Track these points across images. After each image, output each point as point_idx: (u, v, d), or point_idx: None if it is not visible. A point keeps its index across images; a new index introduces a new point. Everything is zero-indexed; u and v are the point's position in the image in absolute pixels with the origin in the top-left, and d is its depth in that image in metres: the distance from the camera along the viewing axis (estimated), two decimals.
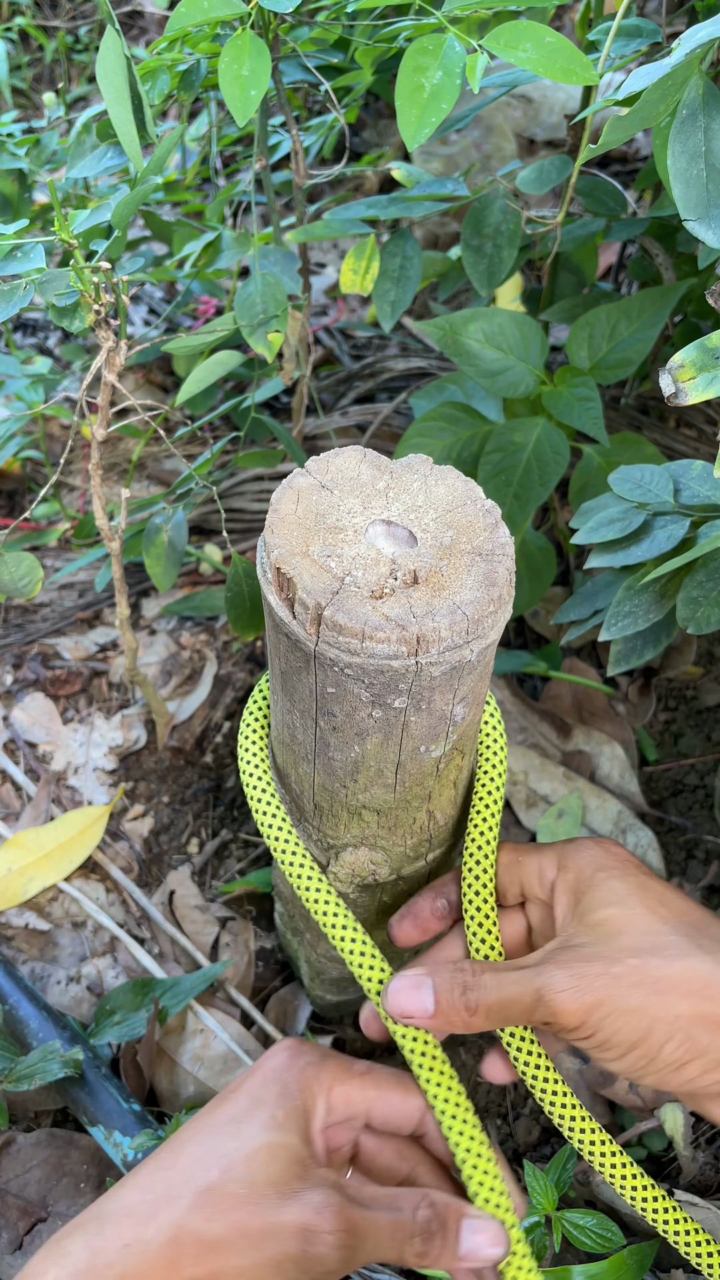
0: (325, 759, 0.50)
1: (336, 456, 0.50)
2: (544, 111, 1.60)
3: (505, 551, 0.46)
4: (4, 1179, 0.69)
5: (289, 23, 0.78)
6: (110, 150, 0.70)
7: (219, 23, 0.68)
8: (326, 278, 1.50)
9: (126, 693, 1.02)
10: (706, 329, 0.92)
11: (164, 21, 1.86)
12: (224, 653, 1.04)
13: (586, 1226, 0.61)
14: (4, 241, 0.63)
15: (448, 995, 0.47)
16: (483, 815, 0.53)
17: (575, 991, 0.44)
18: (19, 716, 0.99)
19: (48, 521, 1.16)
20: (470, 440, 0.86)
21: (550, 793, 0.91)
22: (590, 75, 0.57)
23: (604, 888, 0.48)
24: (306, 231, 0.81)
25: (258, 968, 0.83)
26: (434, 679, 0.44)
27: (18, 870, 0.86)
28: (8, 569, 0.69)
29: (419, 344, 1.34)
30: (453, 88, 0.57)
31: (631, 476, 0.67)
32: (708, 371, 0.50)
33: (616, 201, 0.85)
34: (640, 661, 0.68)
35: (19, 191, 0.98)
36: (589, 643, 1.01)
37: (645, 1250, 0.62)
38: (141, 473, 1.21)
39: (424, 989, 0.48)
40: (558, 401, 0.80)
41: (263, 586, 0.47)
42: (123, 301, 0.65)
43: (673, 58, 0.49)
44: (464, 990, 0.47)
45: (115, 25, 0.59)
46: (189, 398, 0.81)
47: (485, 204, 0.80)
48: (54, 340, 1.43)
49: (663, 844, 0.89)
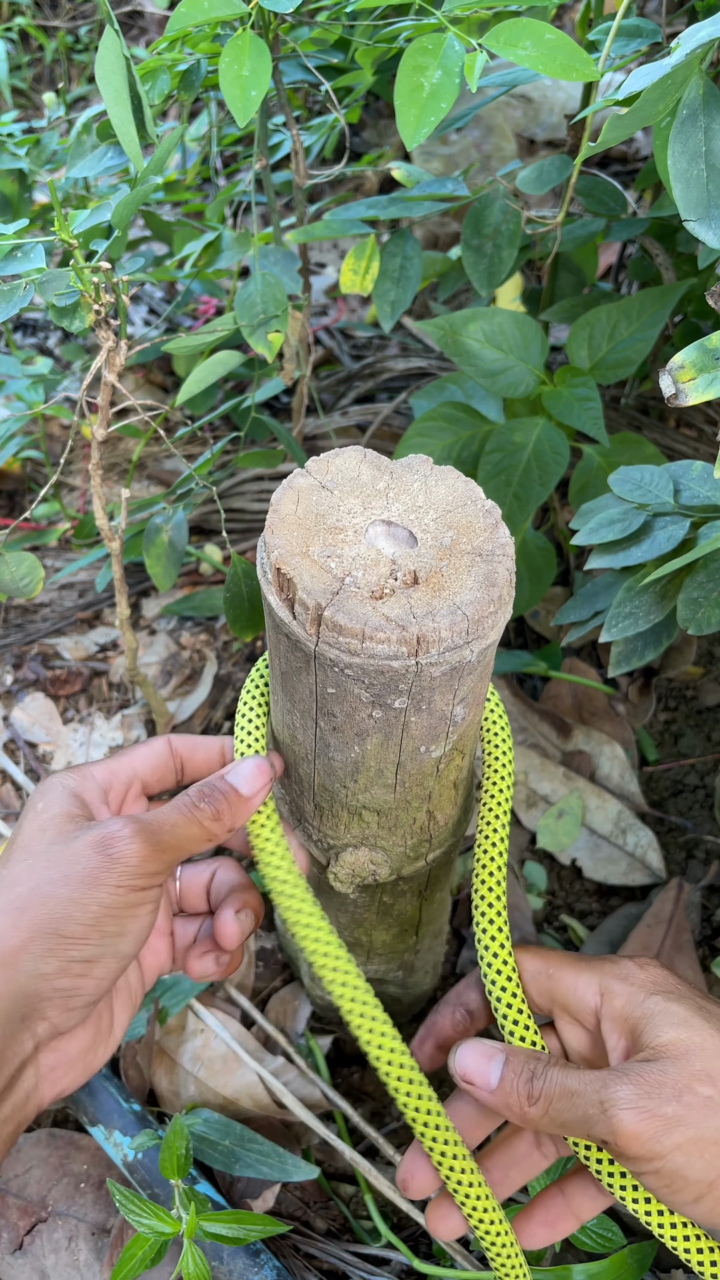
0: (325, 759, 0.50)
1: (336, 457, 0.50)
2: (544, 111, 1.60)
3: (505, 552, 0.46)
4: (4, 1179, 0.69)
5: (289, 23, 0.78)
6: (110, 150, 0.70)
7: (219, 23, 0.68)
8: (326, 278, 1.50)
9: (126, 693, 1.02)
10: (706, 329, 0.92)
11: (164, 21, 1.86)
12: (224, 653, 1.04)
13: (587, 1226, 0.61)
14: (4, 241, 0.63)
15: (513, 1076, 0.46)
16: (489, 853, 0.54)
17: (642, 1112, 0.40)
18: (19, 716, 0.99)
19: (48, 521, 1.16)
20: (470, 440, 0.86)
21: (550, 793, 0.91)
22: (591, 71, 0.57)
23: (663, 1012, 0.44)
24: (306, 232, 0.81)
25: (258, 968, 0.83)
26: (434, 679, 0.44)
27: None
28: (8, 569, 0.69)
29: (419, 344, 1.34)
30: (452, 87, 0.57)
31: (631, 477, 0.67)
32: (708, 372, 0.50)
33: (616, 201, 0.85)
34: (641, 662, 0.68)
35: (19, 191, 0.98)
36: (589, 642, 1.01)
37: (645, 1250, 0.62)
38: (141, 473, 1.21)
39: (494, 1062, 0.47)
40: (558, 401, 0.80)
41: (263, 587, 0.47)
42: (123, 301, 0.65)
43: (673, 58, 0.49)
44: (530, 1077, 0.45)
45: (115, 25, 0.59)
46: (189, 398, 0.81)
47: (485, 204, 0.80)
48: (54, 340, 1.43)
49: (663, 844, 0.89)
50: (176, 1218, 0.59)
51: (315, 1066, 0.76)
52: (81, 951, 0.44)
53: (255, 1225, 0.59)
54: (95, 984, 0.45)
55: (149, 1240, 0.58)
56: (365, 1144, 0.75)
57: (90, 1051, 0.48)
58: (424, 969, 0.74)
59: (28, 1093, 0.44)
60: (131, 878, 0.45)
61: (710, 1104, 0.40)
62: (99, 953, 0.44)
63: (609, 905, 0.86)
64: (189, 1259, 0.58)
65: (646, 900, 0.85)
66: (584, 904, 0.87)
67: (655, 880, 0.86)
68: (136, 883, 0.45)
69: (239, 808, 0.49)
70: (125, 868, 0.45)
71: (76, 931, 0.44)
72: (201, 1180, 0.67)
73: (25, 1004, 0.43)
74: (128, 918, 0.45)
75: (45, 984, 0.43)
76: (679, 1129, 0.40)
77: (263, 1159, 0.67)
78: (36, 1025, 0.43)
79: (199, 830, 0.48)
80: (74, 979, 0.44)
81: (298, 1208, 0.71)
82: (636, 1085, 0.41)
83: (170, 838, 0.47)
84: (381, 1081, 0.51)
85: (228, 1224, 0.59)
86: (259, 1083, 0.73)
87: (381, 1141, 0.71)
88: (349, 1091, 0.77)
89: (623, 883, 0.86)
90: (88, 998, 0.45)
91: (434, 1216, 0.52)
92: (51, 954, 0.43)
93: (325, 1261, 0.67)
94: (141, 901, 0.46)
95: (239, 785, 0.50)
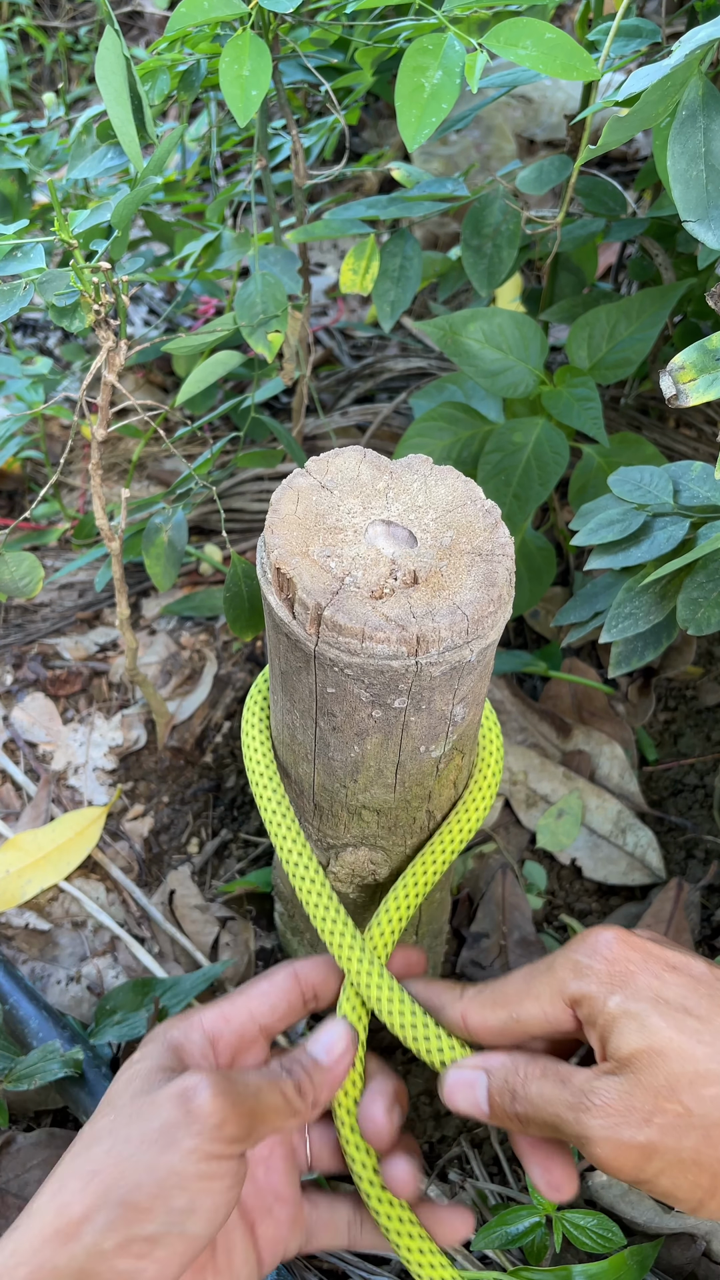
0: (325, 759, 0.50)
1: (336, 457, 0.50)
2: (544, 112, 1.60)
3: (505, 551, 0.46)
4: (4, 1179, 0.69)
5: (289, 23, 0.78)
6: (110, 151, 0.70)
7: (219, 23, 0.68)
8: (326, 278, 1.50)
9: (126, 693, 1.02)
10: (706, 329, 0.92)
11: (164, 21, 1.86)
12: (224, 653, 1.04)
13: (586, 1227, 0.61)
14: (4, 241, 0.63)
15: (499, 1100, 0.44)
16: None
17: (617, 1145, 0.38)
18: (19, 716, 0.99)
19: (48, 521, 1.16)
20: (470, 440, 0.86)
21: (550, 793, 0.91)
22: (591, 70, 0.57)
23: (623, 1016, 0.41)
24: (306, 232, 0.81)
25: (258, 967, 0.83)
26: (434, 679, 0.44)
27: (15, 872, 0.86)
28: (8, 569, 0.69)
29: (419, 344, 1.34)
30: (452, 87, 0.57)
31: (631, 478, 0.67)
32: (708, 373, 0.50)
33: (616, 202, 0.85)
34: (641, 663, 0.68)
35: (19, 191, 0.98)
36: (589, 642, 1.01)
37: (645, 1250, 0.62)
38: (141, 473, 1.21)
39: (478, 1088, 0.44)
40: (557, 401, 0.80)
41: (263, 587, 0.47)
42: (123, 301, 0.65)
43: (672, 59, 0.49)
44: (513, 1098, 0.43)
45: (115, 25, 0.59)
46: (189, 398, 0.81)
47: (485, 204, 0.80)
48: (54, 340, 1.43)
49: (663, 844, 0.89)
50: None
51: None
52: (145, 1228, 0.38)
53: None
54: (157, 1269, 0.38)
55: None
56: None
57: None
58: None
59: None
60: (209, 1140, 0.40)
61: (681, 1121, 0.38)
62: (163, 1229, 0.38)
63: (609, 905, 0.86)
64: None
65: (646, 900, 0.85)
66: (584, 904, 0.87)
67: (655, 880, 0.86)
68: (214, 1147, 0.40)
69: (320, 1080, 0.45)
70: (203, 1125, 0.40)
71: (143, 1202, 0.38)
72: None
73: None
74: (200, 1191, 0.39)
75: (105, 1264, 0.38)
76: (656, 1157, 0.38)
77: None
78: None
79: (281, 1102, 0.43)
80: (135, 1259, 0.38)
81: None
82: (605, 1116, 0.39)
83: (253, 1102, 0.42)
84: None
85: None
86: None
87: None
88: None
89: (622, 882, 0.86)
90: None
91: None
92: (113, 1228, 0.38)
93: (325, 1261, 0.67)
94: (217, 1174, 0.40)
95: (319, 1055, 0.46)
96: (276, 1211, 0.48)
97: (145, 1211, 0.38)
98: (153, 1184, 0.39)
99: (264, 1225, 0.48)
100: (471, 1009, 0.46)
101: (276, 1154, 0.50)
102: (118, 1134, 0.41)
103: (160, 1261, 0.38)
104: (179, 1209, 0.39)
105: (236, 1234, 0.46)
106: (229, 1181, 0.41)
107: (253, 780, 0.56)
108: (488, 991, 0.47)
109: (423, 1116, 0.76)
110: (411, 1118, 0.76)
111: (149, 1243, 0.38)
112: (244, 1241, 0.46)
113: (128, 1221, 0.38)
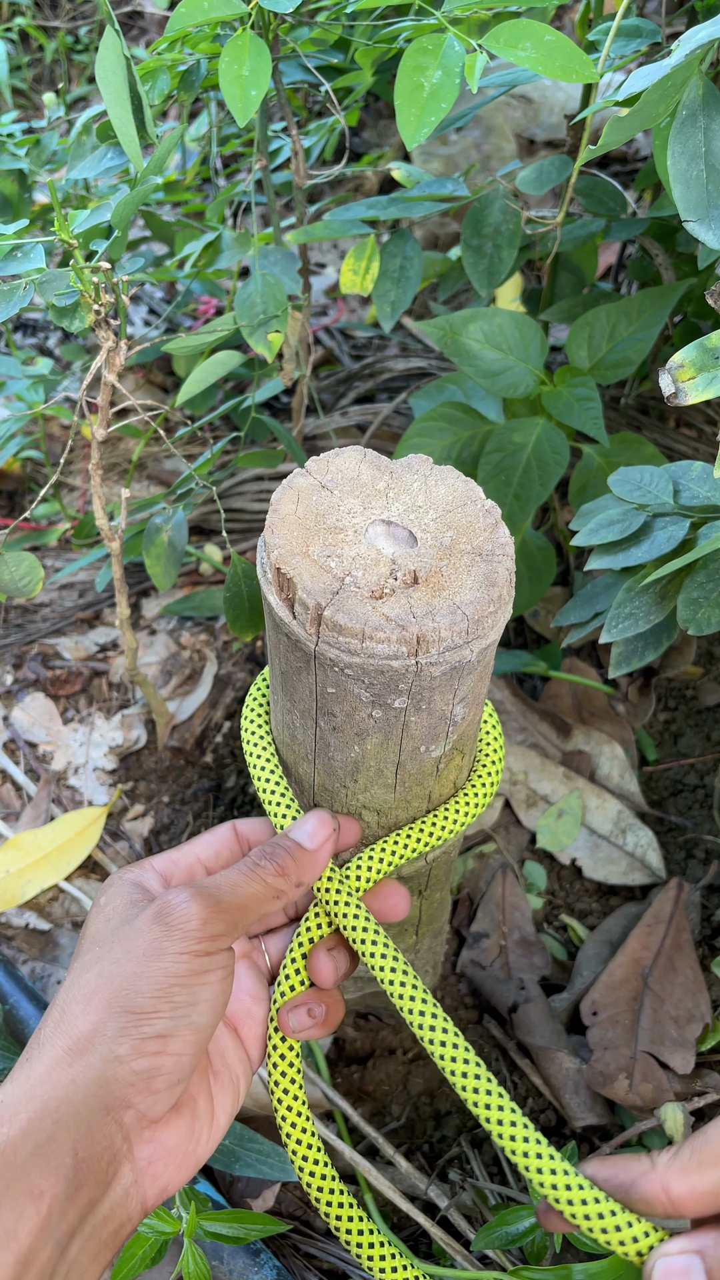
0: (325, 759, 0.50)
1: (336, 457, 0.50)
2: (544, 112, 1.60)
3: (505, 551, 0.46)
4: None
5: (289, 23, 0.78)
6: (110, 151, 0.70)
7: (219, 23, 0.68)
8: (326, 278, 1.50)
9: (126, 693, 1.02)
10: (706, 329, 0.92)
11: (164, 21, 1.86)
12: (224, 653, 1.04)
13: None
14: (4, 241, 0.63)
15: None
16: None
17: None
18: (19, 716, 0.99)
19: (48, 521, 1.16)
20: (470, 440, 0.86)
21: (550, 793, 0.91)
22: (590, 73, 0.57)
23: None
24: (306, 232, 0.81)
25: None
26: (434, 679, 0.44)
27: (15, 873, 0.86)
28: (8, 569, 0.69)
29: (419, 344, 1.34)
30: (452, 87, 0.57)
31: (631, 478, 0.67)
32: (707, 371, 0.50)
33: (616, 201, 0.85)
34: (641, 663, 0.68)
35: (19, 191, 0.98)
36: (589, 642, 1.01)
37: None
38: (141, 473, 1.21)
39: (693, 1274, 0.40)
40: (557, 401, 0.80)
41: (263, 586, 0.47)
42: (123, 301, 0.65)
43: (672, 58, 0.49)
44: None
45: (115, 25, 0.59)
46: (189, 398, 0.81)
47: (485, 204, 0.80)
48: (54, 340, 1.43)
49: (663, 844, 0.89)
50: (176, 1217, 0.59)
51: (315, 1066, 0.77)
52: (154, 1026, 0.41)
53: (255, 1225, 0.59)
54: (174, 1061, 0.42)
55: (149, 1239, 0.58)
56: (365, 1144, 0.75)
57: (189, 1141, 0.45)
58: (424, 968, 0.74)
59: (126, 1190, 0.41)
60: (194, 942, 0.43)
61: None
62: (172, 1025, 0.42)
63: (609, 905, 0.86)
64: (189, 1258, 0.57)
65: (646, 900, 0.85)
66: (584, 903, 0.87)
67: (655, 880, 0.86)
68: (200, 947, 0.43)
69: (304, 861, 0.48)
70: (186, 932, 0.43)
71: (146, 1005, 0.42)
72: (201, 1179, 0.67)
73: (105, 1092, 0.40)
74: (197, 985, 0.43)
75: (122, 1067, 0.41)
76: None
77: (263, 1158, 0.67)
78: (121, 1114, 0.41)
79: (262, 887, 0.46)
80: (151, 1058, 0.41)
81: (298, 1207, 0.71)
82: None
83: (232, 898, 0.45)
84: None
85: (228, 1223, 0.59)
86: (259, 1082, 0.73)
87: (381, 1141, 0.71)
88: (349, 1091, 0.78)
89: (622, 882, 0.86)
90: (170, 1077, 0.42)
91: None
92: (124, 1034, 0.41)
93: (325, 1261, 0.67)
94: (209, 967, 0.44)
95: (302, 840, 0.49)
96: (255, 1011, 0.52)
97: (150, 1013, 0.42)
98: (151, 989, 0.42)
99: (246, 1026, 0.52)
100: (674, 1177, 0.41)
101: (242, 964, 0.53)
102: (105, 960, 0.43)
103: (175, 1055, 0.42)
104: (181, 1003, 0.42)
105: (225, 1039, 0.50)
106: (223, 972, 0.44)
107: (255, 779, 0.56)
108: (686, 1151, 0.41)
109: (423, 1116, 0.76)
110: (411, 1118, 0.76)
111: (161, 1039, 0.42)
112: (233, 1042, 0.50)
113: (136, 1024, 0.41)
